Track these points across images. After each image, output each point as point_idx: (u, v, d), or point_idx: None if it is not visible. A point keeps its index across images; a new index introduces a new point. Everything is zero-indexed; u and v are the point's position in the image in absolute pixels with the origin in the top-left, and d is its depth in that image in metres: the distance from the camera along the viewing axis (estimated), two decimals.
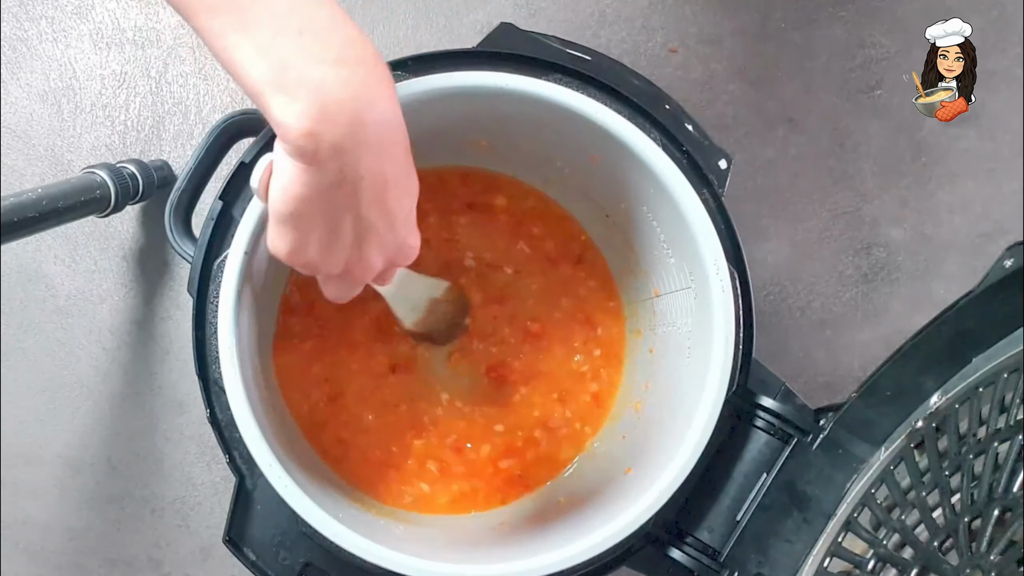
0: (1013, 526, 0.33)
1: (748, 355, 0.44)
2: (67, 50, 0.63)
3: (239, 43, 0.29)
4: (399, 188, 0.33)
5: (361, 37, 0.30)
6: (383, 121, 0.30)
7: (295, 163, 0.29)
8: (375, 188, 0.31)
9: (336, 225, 0.32)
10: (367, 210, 0.32)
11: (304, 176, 0.30)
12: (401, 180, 0.33)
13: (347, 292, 0.37)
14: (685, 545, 0.44)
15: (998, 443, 0.35)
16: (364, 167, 0.30)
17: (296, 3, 0.29)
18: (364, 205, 0.31)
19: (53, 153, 0.62)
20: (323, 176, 0.30)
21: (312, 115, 0.28)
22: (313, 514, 0.40)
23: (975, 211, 0.62)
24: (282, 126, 0.29)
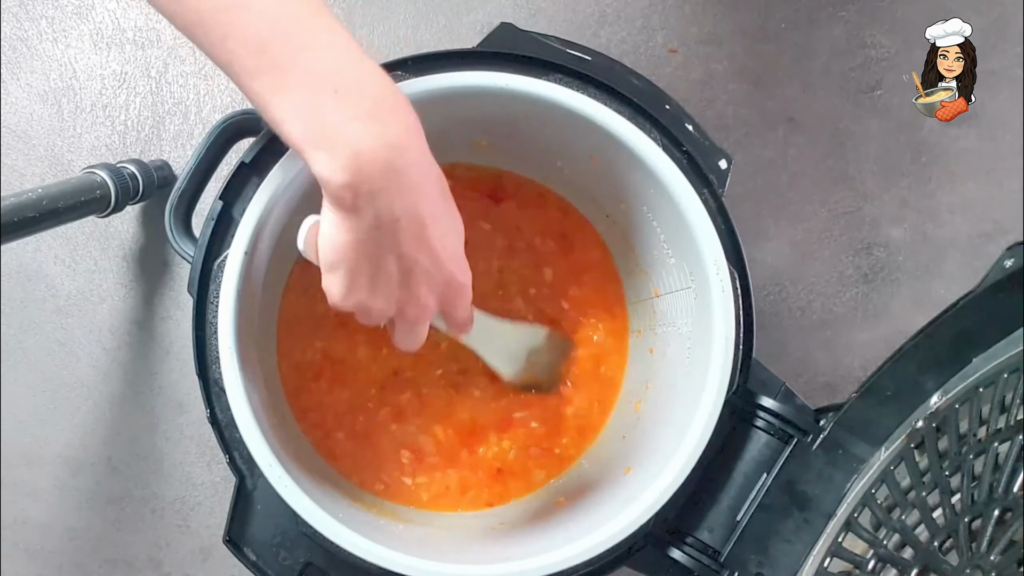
0: (1013, 526, 0.33)
1: (748, 355, 0.44)
2: (67, 50, 0.63)
3: (280, 103, 0.31)
4: (439, 225, 0.35)
5: (392, 91, 0.33)
6: (413, 164, 0.33)
7: (337, 212, 0.32)
8: (413, 226, 0.33)
9: (380, 264, 0.34)
10: (409, 248, 0.34)
11: (346, 223, 0.33)
12: (440, 218, 0.35)
13: (411, 336, 0.39)
14: (685, 545, 0.44)
15: (998, 443, 0.35)
16: (399, 208, 0.32)
17: (333, 64, 0.31)
18: (405, 244, 0.34)
19: (53, 153, 0.62)
20: (362, 220, 0.32)
21: (349, 168, 0.31)
22: (313, 514, 0.40)
23: (975, 211, 0.62)
24: (323, 179, 0.32)
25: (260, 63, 0.31)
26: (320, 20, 0.32)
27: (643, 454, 0.47)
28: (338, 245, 0.33)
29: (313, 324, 0.51)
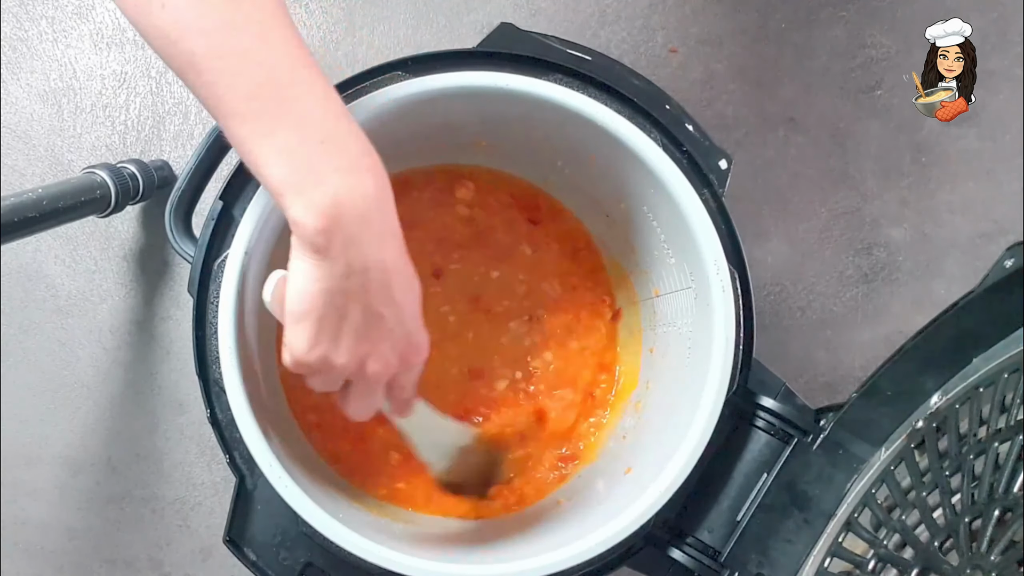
0: (1013, 526, 0.33)
1: (748, 355, 0.44)
2: (67, 50, 0.63)
3: (267, 147, 0.32)
4: (402, 281, 0.35)
5: (369, 149, 0.34)
6: (384, 220, 0.34)
7: (309, 260, 0.33)
8: (380, 277, 0.34)
9: (346, 315, 0.34)
10: (375, 299, 0.34)
11: (317, 271, 0.33)
12: (403, 273, 0.36)
13: (366, 400, 0.38)
14: (685, 545, 0.44)
15: (998, 443, 0.35)
16: (370, 257, 0.33)
17: (322, 116, 0.33)
18: (372, 294, 0.34)
19: (53, 153, 0.63)
20: (334, 267, 0.33)
21: (328, 214, 0.32)
22: (313, 514, 0.40)
23: (975, 211, 0.62)
24: (299, 224, 0.32)
25: (250, 108, 0.32)
26: (311, 72, 0.33)
27: (643, 454, 0.47)
28: (307, 295, 0.33)
29: None
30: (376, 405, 0.39)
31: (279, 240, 0.45)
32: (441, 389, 0.52)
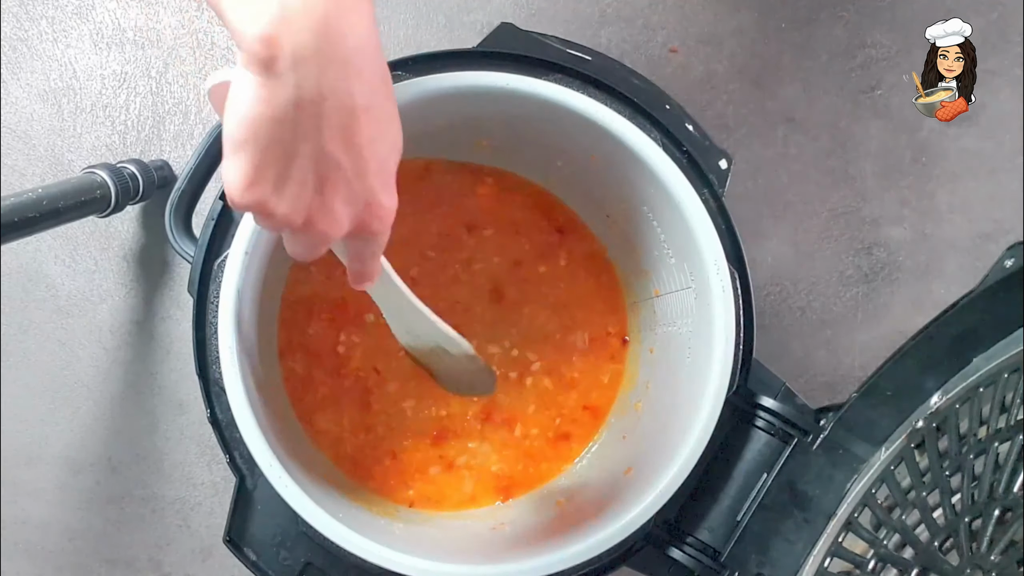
0: (1014, 526, 0.33)
1: (748, 355, 0.44)
2: (67, 50, 0.63)
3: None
4: (371, 124, 0.29)
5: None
6: (354, 35, 0.27)
7: (251, 77, 0.26)
8: (340, 114, 0.28)
9: (294, 157, 0.28)
10: (330, 142, 0.28)
11: (260, 92, 0.27)
12: (374, 114, 0.29)
13: (309, 248, 0.32)
14: (685, 545, 0.44)
15: (999, 443, 0.35)
16: (327, 84, 0.27)
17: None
18: (328, 135, 0.28)
19: (53, 153, 0.62)
20: (280, 90, 0.26)
21: (271, 17, 0.25)
22: (313, 514, 0.40)
23: (976, 211, 0.62)
24: (237, 32, 0.26)
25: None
26: None
27: (643, 454, 0.47)
28: (247, 119, 0.27)
29: (314, 324, 0.51)
30: (317, 253, 0.32)
31: (279, 240, 0.45)
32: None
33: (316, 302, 0.51)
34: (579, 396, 0.53)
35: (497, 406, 0.53)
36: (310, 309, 0.51)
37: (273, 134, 0.27)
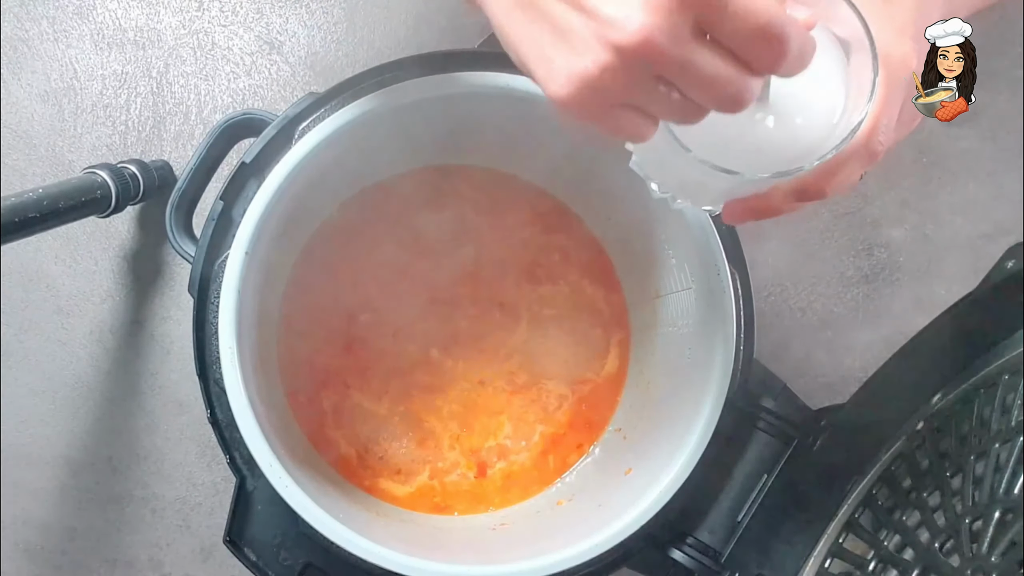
0: (1014, 527, 0.33)
1: (749, 356, 0.44)
2: (68, 50, 0.63)
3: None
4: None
5: None
6: None
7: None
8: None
9: (543, 8, 0.26)
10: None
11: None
12: None
13: (686, 81, 0.25)
14: (686, 546, 0.44)
15: (999, 444, 0.35)
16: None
17: None
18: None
19: (54, 153, 0.62)
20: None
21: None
22: (313, 514, 0.40)
23: (976, 212, 0.62)
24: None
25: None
26: None
27: (644, 454, 0.47)
28: (504, 36, 0.27)
29: (314, 325, 0.51)
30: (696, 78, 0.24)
31: (279, 240, 0.45)
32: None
33: (316, 303, 0.51)
34: (580, 397, 0.53)
35: (497, 406, 0.53)
36: (310, 310, 0.51)
37: (515, 9, 0.26)
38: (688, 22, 0.23)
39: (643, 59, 0.24)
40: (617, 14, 0.23)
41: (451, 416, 0.52)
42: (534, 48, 0.26)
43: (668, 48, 0.24)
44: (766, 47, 0.24)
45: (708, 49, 0.24)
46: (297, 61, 0.62)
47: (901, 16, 0.30)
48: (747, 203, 0.31)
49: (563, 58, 0.25)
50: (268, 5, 0.63)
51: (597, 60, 0.24)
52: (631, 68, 0.24)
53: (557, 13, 0.25)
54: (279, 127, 0.42)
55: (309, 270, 0.51)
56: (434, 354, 0.52)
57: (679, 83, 0.25)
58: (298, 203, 0.44)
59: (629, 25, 0.23)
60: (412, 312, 0.52)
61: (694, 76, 0.24)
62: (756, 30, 0.24)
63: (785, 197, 0.30)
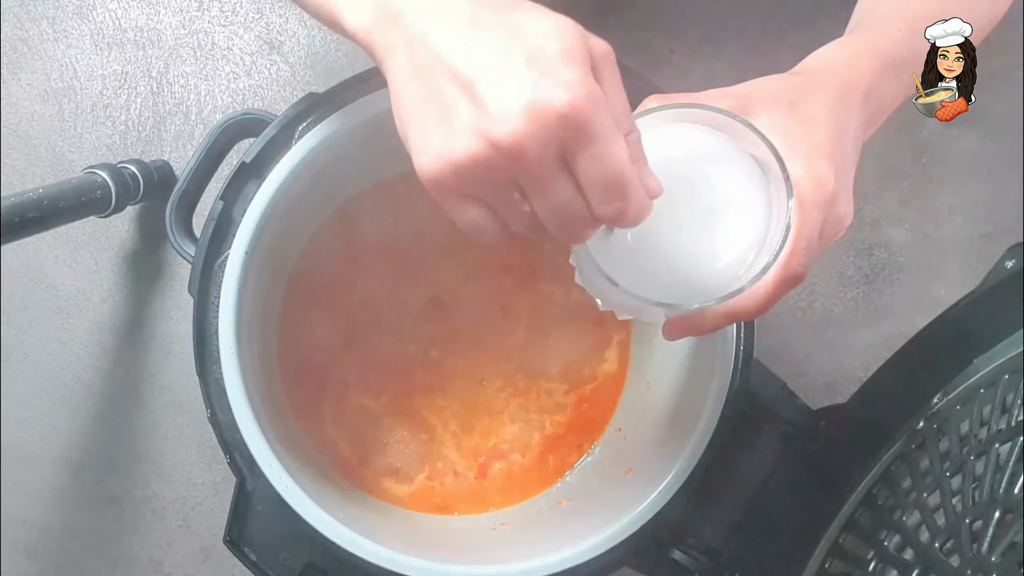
0: (1014, 527, 0.33)
1: (749, 355, 0.44)
2: (68, 50, 0.63)
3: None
4: (486, 18, 0.27)
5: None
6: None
7: (384, 69, 0.28)
8: (446, 29, 0.27)
9: (436, 93, 0.26)
10: (453, 56, 0.26)
11: (390, 73, 0.28)
12: (487, 7, 0.27)
13: (557, 206, 0.26)
14: (686, 546, 0.44)
15: (999, 444, 0.35)
16: (425, 19, 0.28)
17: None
18: (445, 51, 0.27)
19: (54, 153, 0.63)
20: (397, 54, 0.28)
21: (372, 4, 0.28)
22: (313, 514, 0.40)
23: (976, 212, 0.62)
24: (356, 35, 0.29)
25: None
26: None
27: (644, 454, 0.47)
28: (395, 101, 0.27)
29: (314, 325, 0.51)
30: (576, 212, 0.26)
31: (279, 240, 0.45)
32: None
33: (316, 303, 0.51)
34: (580, 396, 0.53)
35: (497, 406, 0.53)
36: (310, 310, 0.51)
37: (411, 91, 0.27)
38: (559, 144, 0.25)
39: (509, 162, 0.25)
40: (499, 113, 0.24)
41: (451, 416, 0.52)
42: (418, 119, 0.27)
43: (533, 161, 0.25)
44: (608, 200, 0.25)
45: (567, 178, 0.26)
46: (297, 61, 0.62)
47: (817, 136, 0.30)
48: (684, 322, 0.33)
49: (440, 135, 0.26)
50: (268, 5, 0.63)
51: (468, 147, 0.25)
52: (495, 166, 0.25)
53: (448, 94, 0.26)
54: (279, 127, 0.42)
55: (309, 270, 0.51)
56: (434, 354, 0.52)
57: (531, 197, 0.26)
58: (298, 203, 0.44)
59: (506, 126, 0.24)
60: (412, 312, 0.52)
61: (546, 196, 0.26)
62: (605, 179, 0.25)
63: (716, 319, 0.32)
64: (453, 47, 0.26)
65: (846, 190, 0.31)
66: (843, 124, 0.31)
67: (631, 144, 0.26)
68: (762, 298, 0.30)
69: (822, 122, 0.31)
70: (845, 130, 0.31)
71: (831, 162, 0.30)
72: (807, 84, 0.32)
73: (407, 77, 0.27)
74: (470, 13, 0.26)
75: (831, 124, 0.31)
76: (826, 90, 0.32)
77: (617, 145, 0.25)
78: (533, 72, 0.25)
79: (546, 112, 0.24)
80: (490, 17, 0.26)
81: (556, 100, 0.24)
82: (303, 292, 0.51)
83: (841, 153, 0.31)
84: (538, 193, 0.26)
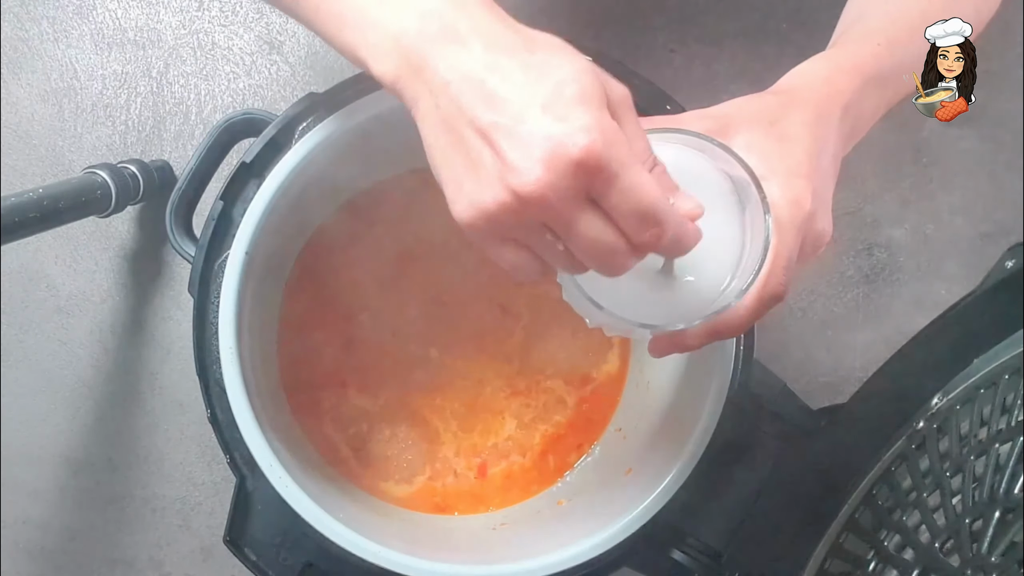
0: (1014, 527, 0.33)
1: (749, 355, 0.44)
2: (68, 50, 0.63)
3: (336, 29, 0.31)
4: (507, 73, 0.28)
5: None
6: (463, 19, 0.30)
7: (413, 115, 0.29)
8: (470, 84, 0.28)
9: (463, 143, 0.28)
10: (477, 110, 0.27)
11: (418, 120, 0.29)
12: (504, 63, 0.28)
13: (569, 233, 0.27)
14: (686, 546, 0.44)
15: (999, 444, 0.35)
16: (445, 68, 0.28)
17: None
18: (468, 106, 0.28)
19: (54, 153, 0.62)
20: (423, 103, 0.29)
21: (392, 52, 0.29)
22: (313, 514, 0.40)
23: (976, 212, 0.62)
24: (384, 83, 0.30)
25: (343, 23, 0.31)
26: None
27: (644, 454, 0.47)
28: (427, 149, 0.28)
29: (313, 325, 0.51)
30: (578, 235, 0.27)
31: (279, 240, 0.45)
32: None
33: (316, 303, 0.51)
34: (580, 396, 0.53)
35: (497, 406, 0.53)
36: (310, 310, 0.51)
37: (440, 140, 0.28)
38: (581, 187, 0.26)
39: (533, 209, 0.26)
40: (519, 163, 0.26)
41: (451, 416, 0.52)
42: (449, 170, 0.28)
43: (557, 206, 0.26)
44: (643, 228, 0.26)
45: (595, 215, 0.27)
46: (297, 61, 0.62)
47: (795, 155, 0.31)
48: (668, 340, 0.34)
49: (471, 186, 0.27)
50: (268, 5, 0.63)
51: (496, 197, 0.26)
52: (523, 213, 0.26)
53: (473, 145, 0.27)
54: (279, 127, 0.42)
55: (309, 270, 0.51)
56: (434, 354, 0.52)
57: (563, 238, 0.27)
58: (298, 203, 0.44)
59: (526, 176, 0.25)
60: (412, 312, 0.52)
61: (576, 236, 0.27)
62: (637, 211, 0.26)
63: (699, 337, 0.32)
64: (473, 97, 0.27)
65: (824, 208, 0.32)
66: (821, 142, 0.32)
67: (658, 176, 0.27)
68: (743, 317, 0.31)
69: (800, 141, 0.31)
70: (823, 148, 0.32)
71: (808, 181, 0.30)
72: (785, 103, 0.32)
73: (434, 127, 0.28)
74: (488, 61, 0.27)
75: (809, 142, 0.31)
76: (804, 108, 0.32)
77: (641, 176, 0.26)
78: (549, 118, 0.26)
79: (563, 159, 0.25)
80: (507, 62, 0.27)
81: (572, 147, 0.25)
82: (303, 292, 0.51)
83: (819, 172, 0.31)
84: (567, 234, 0.27)
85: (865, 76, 0.33)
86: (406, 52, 0.28)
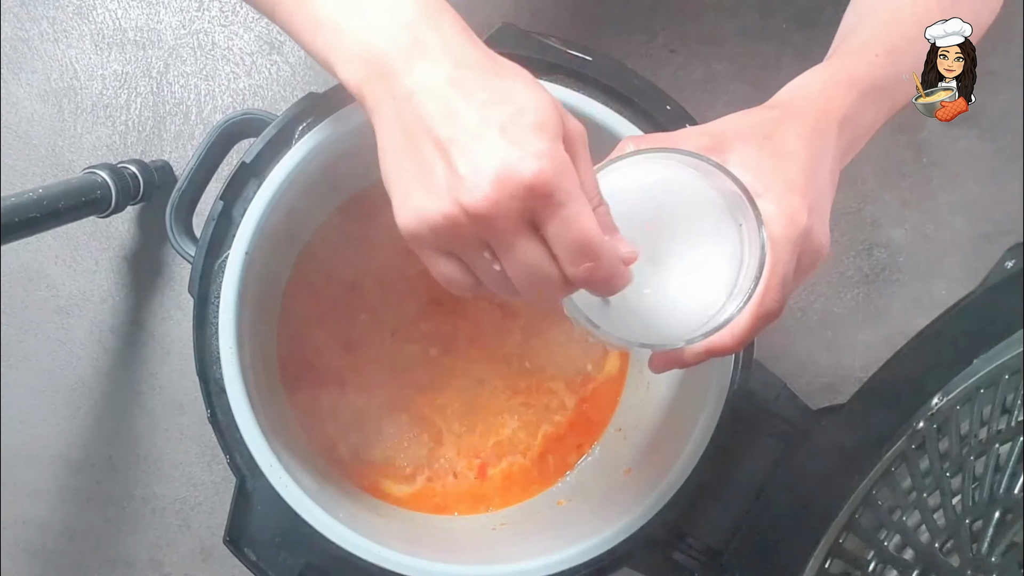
0: (1014, 527, 0.33)
1: (749, 356, 0.44)
2: (68, 50, 0.63)
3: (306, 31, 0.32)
4: (469, 90, 0.28)
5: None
6: (433, 30, 0.30)
7: (372, 121, 0.30)
8: (433, 96, 0.29)
9: (418, 155, 0.28)
10: (436, 123, 0.28)
11: (377, 125, 0.30)
12: (469, 79, 0.29)
13: (508, 255, 0.28)
14: (686, 546, 0.44)
15: (999, 444, 0.35)
16: (411, 79, 0.29)
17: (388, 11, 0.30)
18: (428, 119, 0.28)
19: (54, 153, 0.62)
20: (384, 110, 0.29)
21: (361, 56, 0.30)
22: (313, 514, 0.40)
23: (976, 212, 0.62)
24: (349, 87, 0.30)
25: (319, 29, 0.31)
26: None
27: (644, 455, 0.47)
28: (381, 154, 0.29)
29: (313, 325, 0.51)
30: (521, 260, 0.27)
31: (279, 240, 0.45)
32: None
33: (316, 303, 0.51)
34: (580, 396, 0.53)
35: (497, 406, 0.53)
36: (310, 310, 0.51)
37: (395, 147, 0.29)
38: (526, 210, 0.26)
39: (477, 225, 0.26)
40: (469, 178, 0.26)
41: (451, 416, 0.52)
42: (400, 176, 0.28)
43: (500, 225, 0.26)
44: (579, 260, 0.27)
45: (535, 241, 0.27)
46: (297, 61, 0.62)
47: (791, 170, 0.31)
48: (666, 357, 0.34)
49: (419, 195, 0.27)
50: None
51: (442, 208, 0.27)
52: (466, 227, 0.27)
53: (427, 155, 0.27)
54: (279, 127, 0.42)
55: (309, 270, 0.51)
56: (434, 354, 0.52)
57: (500, 257, 0.28)
58: (298, 203, 0.44)
59: (475, 192, 0.26)
60: (412, 312, 0.52)
61: (514, 259, 0.27)
62: (575, 242, 0.26)
63: (696, 355, 0.33)
64: (435, 110, 0.27)
65: (821, 223, 0.31)
66: (818, 156, 0.31)
67: (600, 215, 0.28)
68: (739, 334, 0.31)
69: (796, 155, 0.31)
70: (820, 162, 0.31)
71: (804, 197, 0.30)
72: (781, 117, 0.32)
73: (391, 133, 0.28)
74: (454, 76, 0.28)
75: (805, 157, 0.31)
76: (801, 122, 0.32)
77: (584, 210, 0.26)
78: (505, 140, 0.26)
79: (513, 181, 0.26)
80: (473, 81, 0.28)
81: (524, 170, 0.26)
82: (303, 292, 0.51)
83: (815, 186, 0.31)
84: (505, 254, 0.27)
85: (862, 88, 0.33)
86: (375, 59, 0.29)
